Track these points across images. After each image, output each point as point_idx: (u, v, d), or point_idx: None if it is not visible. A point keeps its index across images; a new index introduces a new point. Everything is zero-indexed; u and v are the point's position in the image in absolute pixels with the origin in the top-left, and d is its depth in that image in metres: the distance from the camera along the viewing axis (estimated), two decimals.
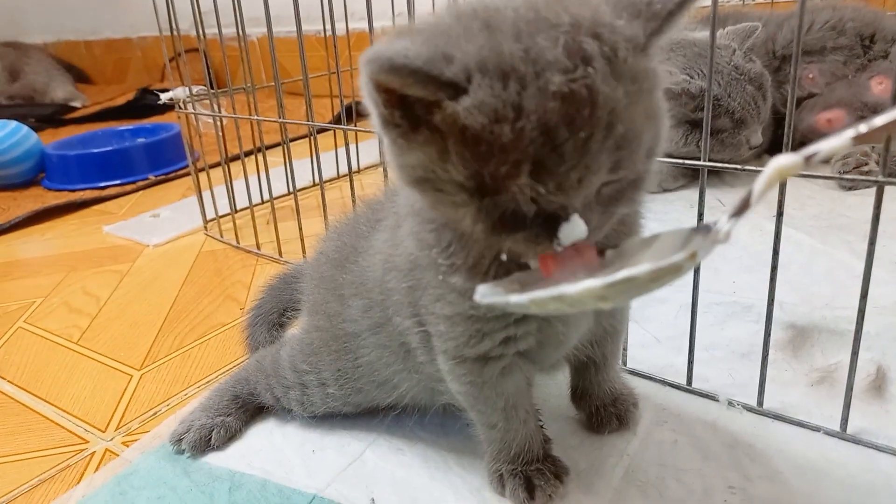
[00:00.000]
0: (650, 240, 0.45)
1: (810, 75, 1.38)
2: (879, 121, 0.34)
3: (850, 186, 1.19)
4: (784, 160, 0.36)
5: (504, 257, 0.45)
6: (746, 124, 1.25)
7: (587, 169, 0.37)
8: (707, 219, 0.66)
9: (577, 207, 0.39)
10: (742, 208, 0.38)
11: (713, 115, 1.23)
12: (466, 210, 0.40)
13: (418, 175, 0.40)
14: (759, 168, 0.64)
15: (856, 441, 0.62)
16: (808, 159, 0.35)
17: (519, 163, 0.36)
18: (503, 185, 0.37)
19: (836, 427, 0.63)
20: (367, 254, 0.61)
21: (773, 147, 1.39)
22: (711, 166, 0.65)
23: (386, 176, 0.93)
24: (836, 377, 0.70)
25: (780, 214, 0.62)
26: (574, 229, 0.39)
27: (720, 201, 1.19)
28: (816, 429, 0.64)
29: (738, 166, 0.66)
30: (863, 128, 0.34)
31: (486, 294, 0.42)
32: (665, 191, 1.29)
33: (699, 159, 1.30)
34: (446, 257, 0.48)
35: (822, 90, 1.37)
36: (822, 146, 0.35)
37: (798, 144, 1.29)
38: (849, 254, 0.98)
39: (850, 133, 0.34)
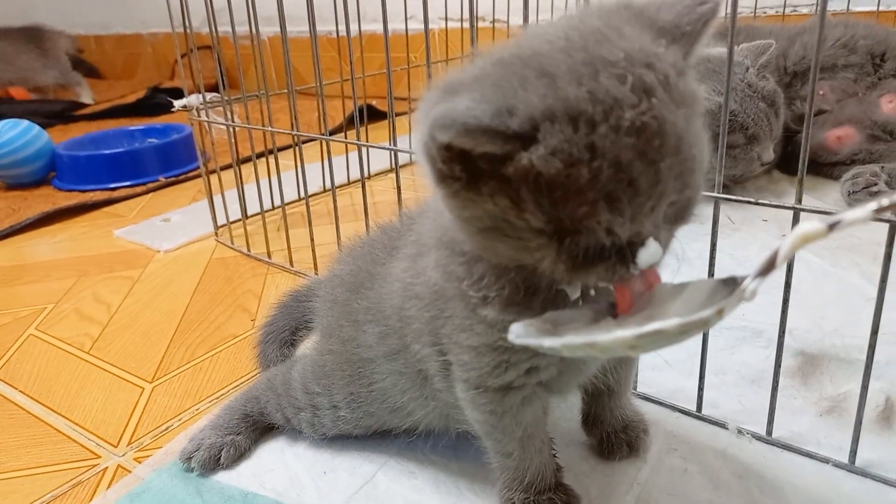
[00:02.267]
0: (680, 287, 0.45)
1: (821, 92, 1.37)
2: None
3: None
4: (808, 227, 0.37)
5: (593, 293, 0.46)
6: (759, 140, 1.25)
7: (660, 196, 0.38)
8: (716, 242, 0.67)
9: (651, 232, 0.39)
10: (767, 269, 0.39)
11: (728, 130, 1.23)
12: (544, 253, 0.40)
13: (485, 225, 0.40)
14: (768, 202, 0.65)
15: (864, 475, 0.63)
16: (831, 227, 0.36)
17: (596, 201, 0.37)
18: (582, 224, 0.38)
19: (845, 459, 0.64)
20: (385, 281, 0.61)
21: (783, 162, 1.39)
22: (725, 198, 0.65)
23: (398, 189, 0.94)
24: (844, 407, 0.71)
25: None
26: (651, 253, 0.40)
27: (730, 219, 1.19)
28: (825, 460, 0.64)
29: (752, 199, 0.66)
30: (885, 201, 0.35)
31: (521, 335, 0.42)
32: None
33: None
34: (477, 290, 0.48)
35: (832, 107, 1.37)
36: (846, 216, 0.36)
37: (809, 161, 1.28)
38: (859, 276, 0.99)
39: (872, 205, 0.35)
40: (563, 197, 0.37)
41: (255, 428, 0.73)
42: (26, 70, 2.88)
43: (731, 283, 0.40)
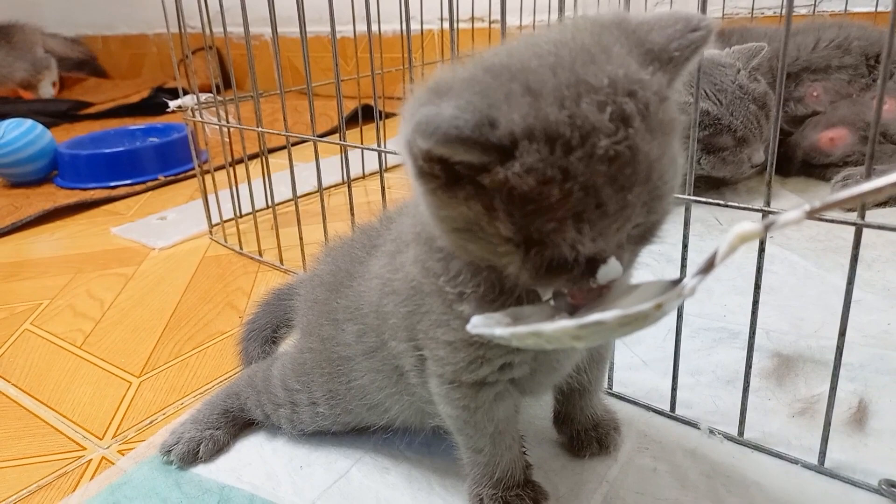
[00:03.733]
0: (633, 287, 0.47)
1: (815, 93, 1.38)
2: (835, 197, 0.36)
3: (850, 208, 1.19)
4: (745, 227, 0.38)
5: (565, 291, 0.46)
6: (748, 143, 1.26)
7: (626, 220, 0.39)
8: (703, 237, 0.68)
9: (614, 251, 0.41)
10: (707, 267, 0.40)
11: (715, 132, 1.24)
12: (510, 259, 0.41)
13: (458, 225, 0.42)
14: (742, 206, 0.66)
15: (833, 475, 0.63)
16: (767, 228, 0.37)
17: (565, 219, 0.38)
18: (548, 238, 0.39)
19: (815, 460, 0.64)
20: (363, 279, 0.62)
21: (776, 163, 1.39)
22: (696, 200, 0.66)
23: (383, 190, 0.95)
24: (817, 408, 0.71)
25: (761, 251, 0.63)
26: (611, 270, 0.41)
27: (718, 220, 1.20)
28: (795, 461, 0.65)
29: (721, 201, 0.67)
30: (817, 203, 0.36)
31: (478, 325, 0.44)
32: None
33: (702, 176, 1.30)
34: (454, 286, 0.49)
35: (825, 108, 1.37)
36: (781, 218, 0.37)
37: (801, 162, 1.29)
38: (842, 278, 0.98)
39: (805, 207, 0.36)
40: (534, 211, 0.38)
41: (234, 423, 0.74)
42: (2, 67, 2.90)
43: (679, 284, 0.41)
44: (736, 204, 0.66)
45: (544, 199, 0.37)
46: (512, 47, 0.42)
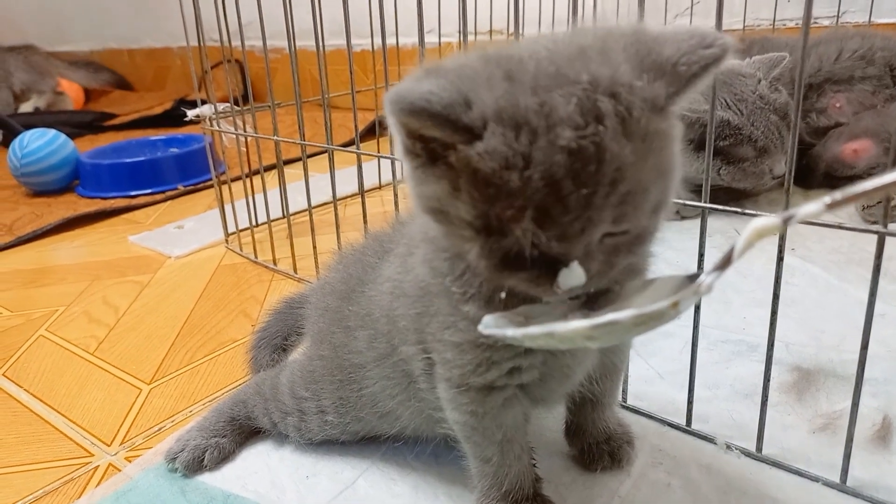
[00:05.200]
0: (648, 283, 0.46)
1: (837, 104, 1.35)
2: (856, 189, 0.34)
3: (874, 220, 1.16)
4: (763, 222, 0.37)
5: (502, 295, 0.46)
6: (769, 153, 1.23)
7: (589, 221, 0.38)
8: (722, 249, 0.66)
9: (578, 255, 0.40)
10: (724, 263, 0.39)
11: (735, 142, 1.22)
12: (472, 245, 0.41)
13: (433, 205, 0.42)
14: (757, 213, 0.64)
15: (855, 494, 0.61)
16: (785, 221, 0.36)
17: (524, 208, 0.37)
18: (508, 227, 0.39)
19: (836, 478, 0.62)
20: (375, 284, 0.62)
21: (798, 175, 1.37)
22: (712, 207, 0.64)
23: (395, 196, 0.95)
24: (839, 424, 0.69)
25: (780, 259, 0.61)
26: (572, 276, 0.40)
27: (737, 231, 1.17)
28: (815, 479, 0.63)
29: (738, 209, 0.65)
30: (838, 195, 0.35)
31: (490, 325, 0.43)
32: (683, 218, 1.27)
33: (722, 187, 1.28)
34: (459, 286, 0.49)
35: (849, 119, 1.35)
36: (800, 211, 0.36)
37: (823, 174, 1.26)
38: (865, 291, 0.95)
39: (826, 199, 0.35)
40: (494, 196, 0.38)
41: (240, 431, 0.74)
42: (9, 74, 3.04)
43: (696, 279, 0.40)
44: (752, 211, 0.64)
45: (504, 183, 0.37)
46: (516, 43, 0.43)
